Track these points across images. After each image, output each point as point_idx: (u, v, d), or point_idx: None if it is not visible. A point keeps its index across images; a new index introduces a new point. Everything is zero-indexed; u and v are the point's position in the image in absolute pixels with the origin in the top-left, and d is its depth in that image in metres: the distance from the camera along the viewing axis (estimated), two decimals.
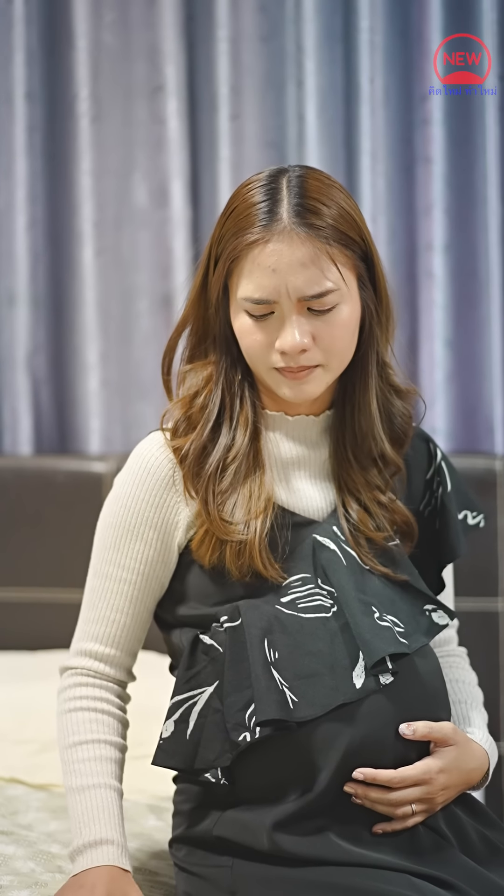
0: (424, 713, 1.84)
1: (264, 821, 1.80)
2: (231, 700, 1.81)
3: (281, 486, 1.92)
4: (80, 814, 1.85)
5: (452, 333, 3.18)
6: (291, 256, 1.80)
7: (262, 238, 1.81)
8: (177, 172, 3.24)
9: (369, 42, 3.12)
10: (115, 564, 1.93)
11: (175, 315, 3.22)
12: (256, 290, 1.82)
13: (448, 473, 2.02)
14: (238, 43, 3.19)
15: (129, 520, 1.92)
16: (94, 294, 3.28)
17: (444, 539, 1.99)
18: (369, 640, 1.80)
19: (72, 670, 1.96)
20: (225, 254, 1.84)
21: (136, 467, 1.94)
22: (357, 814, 1.80)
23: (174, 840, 1.95)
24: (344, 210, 1.85)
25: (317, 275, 1.81)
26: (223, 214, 1.88)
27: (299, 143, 3.18)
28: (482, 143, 3.11)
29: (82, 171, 3.26)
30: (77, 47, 3.25)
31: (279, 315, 1.83)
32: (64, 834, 2.27)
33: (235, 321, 1.87)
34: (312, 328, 1.83)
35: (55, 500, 3.18)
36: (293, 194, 1.83)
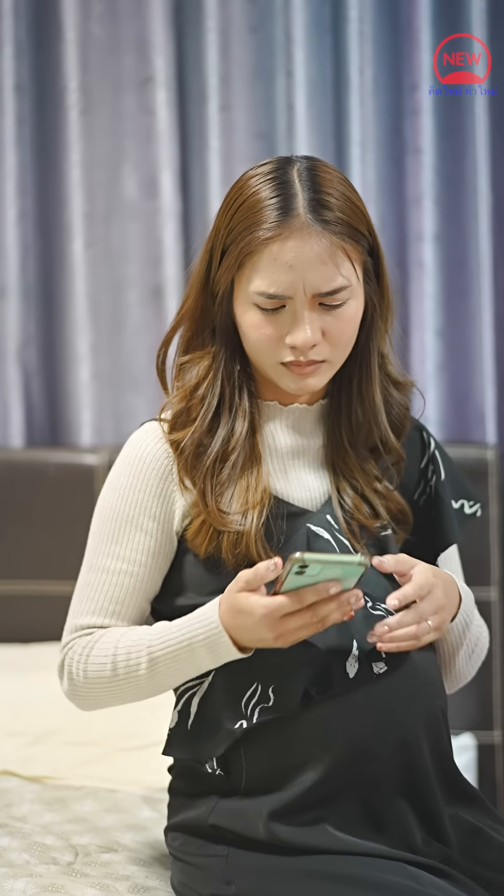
0: (420, 701, 1.84)
1: (261, 810, 1.81)
2: (225, 687, 1.82)
3: (276, 476, 1.93)
4: (173, 638, 1.82)
5: (443, 323, 3.18)
6: (309, 253, 1.81)
7: (280, 234, 1.81)
8: (166, 164, 3.24)
9: (358, 32, 3.12)
10: (115, 557, 1.92)
11: (166, 306, 3.24)
12: (271, 286, 1.82)
13: (442, 462, 2.02)
14: (227, 33, 3.19)
15: (128, 511, 1.92)
16: (85, 286, 3.28)
17: (439, 527, 2.00)
18: (361, 628, 1.81)
19: (69, 644, 1.93)
20: (237, 247, 1.83)
21: (132, 458, 1.94)
22: (353, 805, 1.81)
23: (169, 828, 1.96)
24: (354, 204, 1.86)
25: (332, 271, 1.82)
26: (228, 206, 1.87)
27: (289, 133, 3.18)
28: (472, 133, 3.12)
29: (72, 163, 3.26)
30: (66, 39, 3.24)
31: (291, 310, 1.83)
32: (58, 826, 2.28)
33: (242, 314, 1.87)
34: (322, 323, 1.84)
35: (46, 492, 3.18)
36: (306, 188, 1.83)
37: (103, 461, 3.15)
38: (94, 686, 1.89)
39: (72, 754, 2.65)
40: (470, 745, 2.93)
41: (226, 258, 1.86)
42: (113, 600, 1.92)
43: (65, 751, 2.67)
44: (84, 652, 1.89)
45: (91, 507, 3.12)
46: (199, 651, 1.80)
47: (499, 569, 3.05)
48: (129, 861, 2.12)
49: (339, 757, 1.79)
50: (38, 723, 2.76)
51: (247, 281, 1.84)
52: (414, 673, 1.85)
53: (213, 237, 1.89)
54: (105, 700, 1.91)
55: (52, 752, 2.66)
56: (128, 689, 1.87)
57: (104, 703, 1.92)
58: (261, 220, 1.82)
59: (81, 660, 1.89)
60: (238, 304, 1.87)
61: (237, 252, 1.83)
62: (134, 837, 2.23)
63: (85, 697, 1.92)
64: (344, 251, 1.83)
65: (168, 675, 1.84)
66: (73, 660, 1.90)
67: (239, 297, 1.87)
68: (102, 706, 1.94)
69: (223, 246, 1.86)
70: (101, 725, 2.71)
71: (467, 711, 3.00)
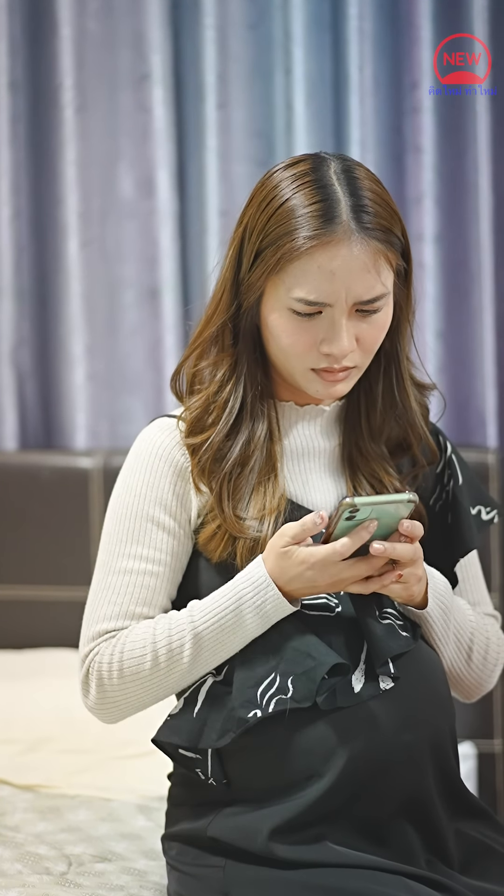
0: (427, 721, 1.83)
1: (261, 827, 1.80)
2: (242, 677, 1.81)
3: (293, 480, 1.93)
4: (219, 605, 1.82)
5: (444, 325, 3.19)
6: (354, 262, 1.80)
7: (327, 242, 1.80)
8: (163, 162, 3.24)
9: (358, 29, 3.12)
10: (136, 557, 1.89)
11: (162, 307, 3.24)
12: (312, 292, 1.81)
13: (459, 467, 2.01)
14: (225, 30, 3.19)
15: (146, 509, 1.90)
16: (80, 286, 3.29)
17: (457, 533, 1.98)
18: (377, 640, 1.80)
19: (93, 650, 1.89)
20: (276, 252, 1.81)
21: (146, 454, 1.92)
22: (355, 823, 1.80)
23: (166, 837, 1.95)
24: (390, 207, 1.86)
25: (374, 279, 1.82)
26: (262, 208, 1.85)
27: (287, 132, 3.18)
28: (473, 132, 3.12)
29: (67, 162, 3.27)
30: (61, 36, 3.25)
31: (328, 317, 1.82)
32: (51, 835, 2.28)
33: (275, 318, 1.85)
34: (357, 331, 1.84)
35: (40, 496, 3.18)
36: (347, 193, 1.82)
37: (98, 465, 3.15)
38: (130, 685, 1.85)
39: (66, 762, 2.65)
40: (470, 754, 2.93)
41: (261, 262, 1.84)
42: (137, 602, 1.88)
43: (59, 759, 2.67)
44: (115, 651, 1.85)
45: (86, 511, 3.13)
46: (247, 613, 1.80)
47: (500, 575, 3.05)
48: (124, 871, 2.12)
49: (341, 774, 1.78)
50: (31, 730, 2.76)
51: (284, 286, 1.83)
52: (422, 690, 1.84)
53: (244, 239, 1.87)
54: (140, 699, 1.87)
55: (46, 761, 2.66)
56: (170, 678, 1.84)
57: (138, 704, 1.88)
58: (303, 225, 1.80)
59: (114, 660, 1.85)
60: (269, 308, 1.86)
61: (276, 257, 1.82)
62: (128, 847, 2.23)
63: (116, 703, 1.88)
64: (385, 258, 1.83)
65: (213, 652, 1.82)
66: (103, 663, 1.86)
67: (272, 301, 1.85)
68: (134, 709, 1.89)
69: (257, 249, 1.84)
70: (96, 733, 2.71)
71: (467, 720, 3.00)
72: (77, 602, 3.11)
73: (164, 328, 3.26)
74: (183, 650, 1.82)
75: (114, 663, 1.85)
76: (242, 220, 1.88)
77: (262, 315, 1.88)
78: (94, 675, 1.87)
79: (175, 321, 3.25)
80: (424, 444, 1.99)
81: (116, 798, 2.50)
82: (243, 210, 1.89)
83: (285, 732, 1.79)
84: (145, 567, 1.89)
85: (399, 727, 1.80)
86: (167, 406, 3.16)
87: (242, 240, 1.87)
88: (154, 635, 1.84)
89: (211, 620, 1.82)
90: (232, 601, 1.80)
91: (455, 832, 1.86)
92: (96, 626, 1.89)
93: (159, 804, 2.34)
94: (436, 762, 1.85)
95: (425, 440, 1.99)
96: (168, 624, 1.84)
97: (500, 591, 3.04)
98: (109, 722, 1.93)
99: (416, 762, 1.82)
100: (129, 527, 1.90)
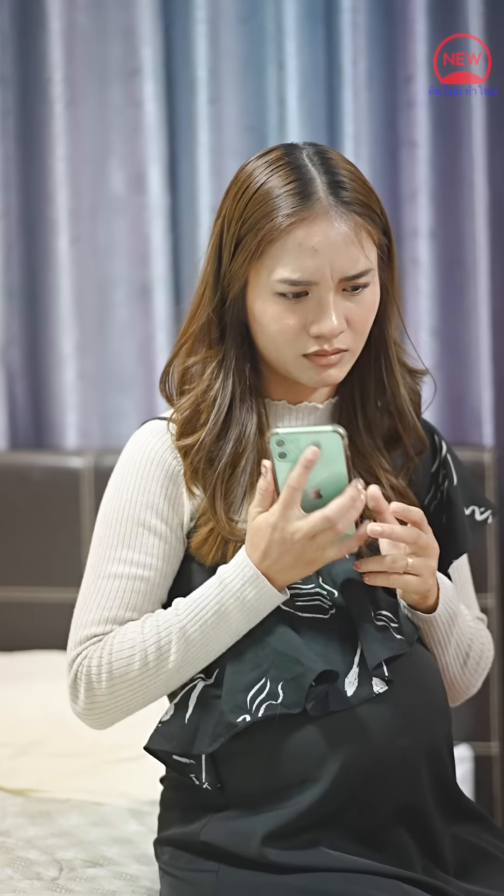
0: (422, 722, 1.83)
1: (254, 831, 1.79)
2: (231, 681, 1.80)
3: None
4: (204, 599, 1.81)
5: (439, 322, 3.18)
6: (335, 236, 1.80)
7: (304, 218, 1.80)
8: (154, 158, 3.24)
9: (352, 22, 3.12)
10: (126, 562, 1.88)
11: (154, 304, 3.24)
12: (296, 271, 1.81)
13: (454, 466, 2.01)
14: (216, 24, 3.19)
15: (137, 513, 1.89)
16: (70, 284, 3.28)
17: (451, 534, 1.98)
18: (371, 642, 1.80)
19: (80, 654, 1.88)
20: (255, 237, 1.82)
21: (138, 458, 1.91)
22: (349, 830, 1.79)
23: (159, 842, 1.95)
24: (366, 184, 1.86)
25: (358, 252, 1.82)
26: (238, 197, 1.85)
27: (280, 126, 3.19)
28: (468, 127, 3.12)
29: (56, 158, 3.26)
30: (50, 29, 3.24)
31: (315, 297, 1.82)
32: (42, 840, 2.28)
33: (261, 307, 1.85)
34: (345, 310, 1.84)
35: (30, 496, 3.18)
36: (321, 171, 1.83)
37: (89, 464, 3.14)
38: (119, 687, 1.84)
39: (57, 766, 2.65)
40: (467, 757, 2.93)
41: (241, 250, 1.84)
42: (127, 607, 1.87)
43: (50, 763, 2.66)
44: (104, 654, 1.84)
45: (77, 511, 3.13)
46: (229, 601, 1.79)
47: (496, 575, 3.05)
48: (116, 876, 2.11)
49: (335, 779, 1.77)
50: (22, 734, 2.76)
51: (267, 271, 1.83)
52: (417, 694, 1.83)
53: (223, 231, 1.87)
54: (129, 702, 1.85)
55: (37, 764, 2.66)
56: (158, 678, 1.82)
57: (127, 708, 1.86)
58: (280, 205, 1.81)
59: (103, 663, 1.84)
60: (255, 297, 1.86)
61: (257, 241, 1.82)
62: (120, 851, 2.23)
63: (106, 708, 1.86)
64: (367, 232, 1.83)
65: (201, 647, 1.81)
66: (91, 667, 1.85)
67: (256, 289, 1.85)
68: (124, 714, 1.88)
69: (237, 236, 1.84)
70: (88, 737, 2.69)
71: (464, 722, 2.99)
72: (68, 604, 3.10)
73: (156, 326, 3.26)
74: (170, 647, 1.81)
75: (102, 666, 1.84)
76: (221, 212, 1.89)
77: (248, 306, 1.88)
78: (83, 681, 1.86)
79: (167, 319, 3.25)
80: (414, 435, 1.98)
81: (108, 802, 2.50)
82: (221, 203, 1.90)
83: (277, 737, 1.79)
84: (136, 572, 1.88)
85: (394, 731, 1.80)
86: (159, 404, 3.15)
87: (222, 231, 1.88)
88: (142, 635, 1.83)
89: (196, 612, 1.81)
90: (215, 589, 1.80)
91: (451, 836, 1.86)
92: (84, 630, 1.88)
93: (151, 808, 2.33)
94: (431, 766, 1.84)
95: (414, 429, 1.98)
96: (155, 622, 1.83)
97: (496, 591, 3.05)
98: (99, 728, 1.92)
99: (412, 766, 1.81)
100: (119, 531, 1.89)
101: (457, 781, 1.89)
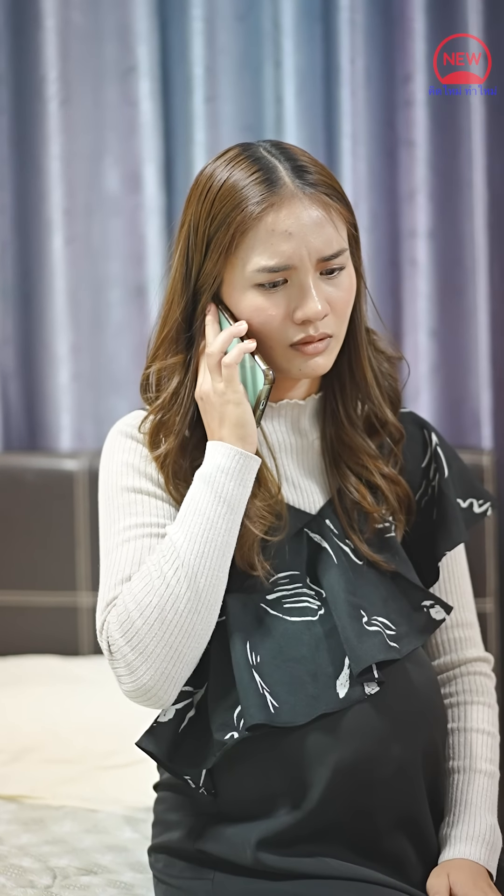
0: (414, 726, 1.83)
1: (248, 838, 1.80)
2: (218, 699, 1.81)
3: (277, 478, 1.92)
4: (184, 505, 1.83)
5: (437, 323, 3.18)
6: (307, 218, 1.81)
7: (273, 203, 1.81)
8: (150, 157, 3.24)
9: (350, 21, 3.12)
10: (137, 525, 1.85)
11: (149, 305, 3.23)
12: (272, 258, 1.81)
13: (445, 458, 2.01)
14: (213, 22, 3.19)
15: (134, 483, 1.88)
16: (65, 284, 3.28)
17: (443, 527, 1.98)
18: (356, 646, 1.79)
19: (107, 609, 1.82)
20: (227, 232, 1.82)
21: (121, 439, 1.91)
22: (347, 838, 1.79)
23: (153, 849, 1.95)
24: (326, 169, 1.87)
25: (332, 232, 1.83)
26: (202, 197, 1.86)
27: (277, 125, 3.18)
28: (467, 126, 3.12)
29: (51, 156, 3.26)
30: (45, 27, 3.24)
31: (295, 283, 1.83)
32: (35, 847, 2.27)
33: (242, 302, 1.85)
34: (326, 294, 1.84)
35: (24, 499, 3.17)
36: (283, 159, 1.85)
37: (84, 467, 3.14)
38: (150, 614, 1.76)
39: (50, 773, 2.64)
40: None
41: (213, 248, 1.84)
42: (142, 563, 1.82)
43: (43, 769, 2.66)
44: (126, 598, 1.78)
45: (71, 514, 3.11)
46: (217, 480, 1.81)
47: (495, 579, 3.05)
48: (110, 884, 2.11)
49: (333, 785, 1.78)
50: (14, 740, 2.75)
51: (242, 263, 1.83)
52: (411, 695, 1.83)
53: (189, 236, 1.87)
54: (169, 631, 1.76)
55: (30, 771, 2.65)
56: (182, 585, 1.76)
57: (172, 642, 1.77)
58: (248, 195, 1.82)
59: (128, 601, 1.78)
60: (234, 293, 1.85)
61: (230, 234, 1.82)
62: (115, 859, 2.22)
63: (150, 651, 1.76)
64: (338, 212, 1.84)
65: (205, 539, 1.79)
66: (120, 614, 1.78)
67: (233, 286, 1.85)
68: (172, 651, 1.77)
69: (207, 237, 1.85)
70: (82, 743, 2.70)
71: None
72: (62, 608, 3.12)
73: (151, 326, 3.22)
74: (179, 547, 1.78)
75: (128, 605, 1.78)
76: (185, 220, 1.89)
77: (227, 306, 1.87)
78: (118, 634, 1.78)
79: None
80: (390, 426, 1.97)
81: (102, 809, 2.49)
82: (184, 212, 1.90)
83: (269, 744, 1.79)
84: (144, 531, 1.85)
85: (386, 738, 1.80)
86: None
87: (189, 236, 1.88)
88: (149, 563, 1.80)
89: (188, 502, 1.82)
90: (195, 482, 1.83)
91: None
92: (106, 596, 1.83)
93: (146, 815, 2.33)
94: (427, 774, 1.84)
95: (381, 415, 1.97)
96: (159, 548, 1.81)
97: (495, 595, 3.04)
98: (163, 697, 1.80)
99: (408, 775, 1.82)
100: (120, 502, 1.88)
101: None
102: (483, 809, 1.87)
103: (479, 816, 1.86)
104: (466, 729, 1.95)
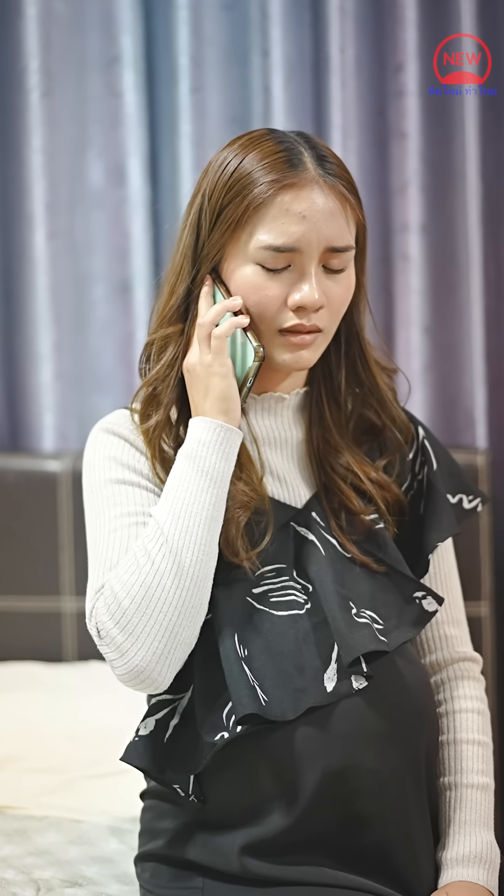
0: (403, 723, 1.83)
1: (234, 844, 1.80)
2: (206, 701, 1.81)
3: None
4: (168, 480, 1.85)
5: (430, 320, 3.18)
6: (324, 205, 1.83)
7: (293, 183, 1.83)
8: (134, 149, 3.24)
9: (339, 8, 3.12)
10: (123, 515, 1.86)
11: (134, 301, 3.22)
12: (280, 237, 1.83)
13: (434, 452, 2.02)
14: (199, 11, 3.19)
15: (119, 474, 1.90)
16: (47, 280, 3.27)
17: (431, 520, 1.99)
18: (347, 635, 1.80)
19: (97, 596, 1.82)
20: (241, 202, 1.83)
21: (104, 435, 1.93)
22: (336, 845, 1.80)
23: (140, 858, 1.95)
24: (346, 167, 1.90)
25: (343, 226, 1.85)
26: (221, 170, 1.87)
27: (265, 116, 3.18)
28: (460, 117, 3.12)
29: (33, 149, 3.25)
30: (26, 16, 3.23)
31: (297, 268, 1.84)
32: (18, 859, 2.26)
33: (241, 277, 1.86)
34: (325, 288, 1.86)
35: (6, 501, 3.16)
36: (308, 147, 1.87)
37: (67, 468, 3.13)
38: (137, 592, 1.77)
39: (34, 782, 2.64)
40: None
41: (223, 220, 1.86)
42: (129, 550, 1.84)
43: (26, 778, 2.65)
44: (113, 581, 1.79)
45: (54, 516, 3.10)
46: (199, 454, 1.82)
47: (490, 583, 3.05)
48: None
49: (321, 791, 1.78)
50: None
51: (247, 236, 1.84)
52: (400, 690, 1.83)
53: (205, 201, 1.89)
54: (161, 610, 1.77)
55: (13, 780, 2.65)
56: (168, 563, 1.77)
57: (164, 621, 1.77)
58: (268, 172, 1.83)
59: (115, 584, 1.78)
60: (234, 266, 1.87)
61: (243, 207, 1.84)
62: (100, 871, 2.22)
63: (140, 630, 1.77)
64: (352, 208, 1.87)
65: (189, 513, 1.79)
66: (108, 597, 1.79)
67: (235, 259, 1.87)
68: (165, 632, 1.77)
69: (219, 207, 1.86)
70: (66, 751, 2.70)
71: None
72: (45, 613, 3.11)
73: (136, 324, 3.25)
74: (163, 530, 1.79)
75: (115, 587, 1.79)
76: (199, 189, 1.91)
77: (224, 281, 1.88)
78: (106, 617, 1.79)
79: (147, 316, 3.23)
80: (400, 424, 2.00)
81: (87, 820, 2.49)
82: (198, 181, 1.92)
83: (259, 747, 1.80)
84: (130, 521, 1.87)
85: (379, 741, 1.81)
86: None
87: (201, 205, 1.89)
88: (135, 546, 1.81)
89: (172, 479, 1.83)
90: (179, 458, 1.84)
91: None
92: (94, 585, 1.84)
93: (132, 826, 2.33)
94: (421, 778, 1.84)
95: (399, 420, 2.00)
96: (144, 532, 1.82)
97: (490, 599, 3.04)
98: (158, 680, 1.80)
99: (399, 778, 1.83)
100: (105, 494, 1.90)
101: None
102: (477, 826, 1.87)
103: (474, 835, 1.87)
104: (457, 741, 1.95)
